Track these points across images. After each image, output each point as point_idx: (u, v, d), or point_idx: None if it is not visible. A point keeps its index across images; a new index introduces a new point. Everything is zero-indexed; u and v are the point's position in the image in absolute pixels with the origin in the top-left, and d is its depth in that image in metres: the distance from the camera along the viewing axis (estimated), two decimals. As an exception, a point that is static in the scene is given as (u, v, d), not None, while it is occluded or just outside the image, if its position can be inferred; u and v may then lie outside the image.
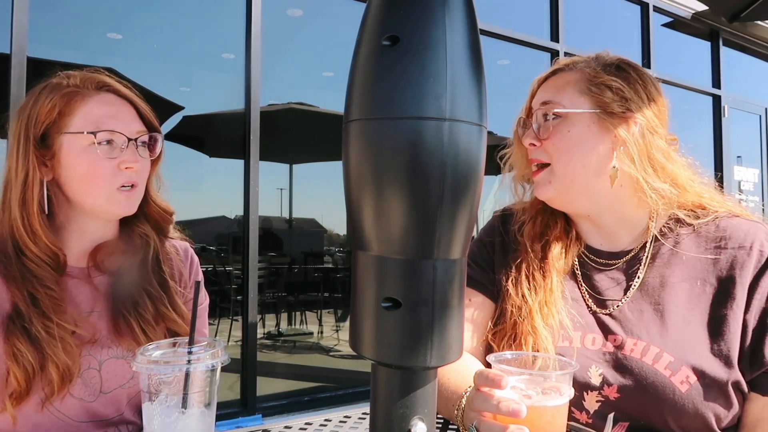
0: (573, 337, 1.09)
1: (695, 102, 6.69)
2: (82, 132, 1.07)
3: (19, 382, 0.97)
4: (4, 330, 1.00)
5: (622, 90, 1.08)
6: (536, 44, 5.32)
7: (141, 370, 0.76)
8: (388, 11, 0.55)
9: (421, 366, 0.56)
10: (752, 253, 1.02)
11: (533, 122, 1.12)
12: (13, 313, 1.01)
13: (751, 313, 0.99)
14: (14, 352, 0.98)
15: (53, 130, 1.08)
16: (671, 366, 0.99)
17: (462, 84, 0.53)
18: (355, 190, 0.56)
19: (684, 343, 1.00)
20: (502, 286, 1.16)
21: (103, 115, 1.08)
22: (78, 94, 1.08)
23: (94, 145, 1.06)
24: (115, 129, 1.08)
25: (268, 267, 5.52)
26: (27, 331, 0.99)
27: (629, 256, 1.13)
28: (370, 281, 0.56)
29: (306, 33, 5.09)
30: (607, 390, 1.03)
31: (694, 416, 0.96)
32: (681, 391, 0.97)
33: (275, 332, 5.71)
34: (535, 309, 1.08)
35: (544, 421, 0.77)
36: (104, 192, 1.08)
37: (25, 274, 1.03)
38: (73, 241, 1.13)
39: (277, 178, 5.75)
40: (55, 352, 0.99)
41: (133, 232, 1.20)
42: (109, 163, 1.07)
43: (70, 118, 1.07)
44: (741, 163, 7.10)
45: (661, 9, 6.13)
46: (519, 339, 1.08)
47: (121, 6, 4.03)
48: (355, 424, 1.11)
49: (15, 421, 1.00)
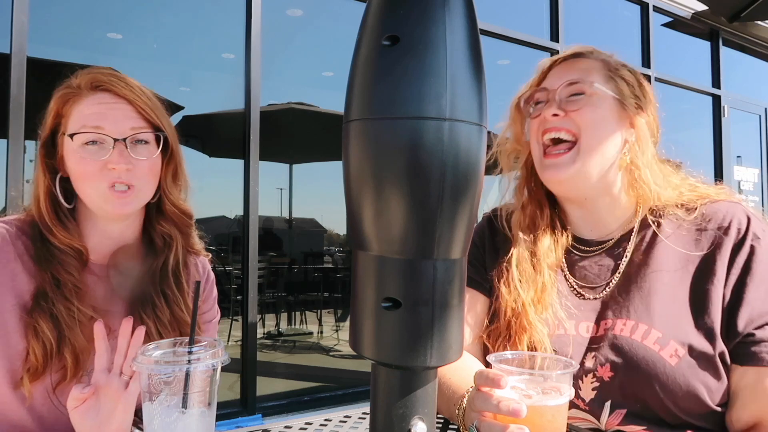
0: (567, 327, 1.11)
1: (695, 102, 6.69)
2: (66, 134, 1.09)
3: (37, 357, 1.00)
4: (26, 308, 1.04)
5: (635, 88, 1.16)
6: (536, 44, 5.32)
7: (141, 370, 0.76)
8: (388, 11, 0.55)
9: (421, 366, 0.56)
10: (730, 231, 1.06)
11: (556, 96, 1.14)
12: (39, 293, 1.05)
13: (728, 287, 1.03)
14: (35, 328, 1.01)
15: (57, 132, 1.12)
16: (660, 341, 1.02)
17: (462, 84, 0.53)
18: (355, 190, 0.56)
19: (670, 319, 1.04)
20: (495, 285, 1.17)
21: (91, 114, 1.08)
22: (74, 95, 1.09)
23: (82, 146, 1.06)
24: (101, 129, 1.06)
25: (268, 267, 5.52)
26: (50, 310, 1.03)
27: (615, 241, 1.17)
28: (370, 281, 0.56)
29: (306, 33, 5.09)
30: (600, 371, 1.05)
31: (686, 391, 0.99)
32: (671, 365, 1.00)
33: (275, 332, 5.71)
34: (528, 303, 1.10)
35: (545, 420, 0.77)
36: (95, 192, 1.08)
37: (50, 258, 1.07)
38: (94, 237, 1.14)
39: (277, 178, 5.76)
40: (73, 334, 1.02)
41: (155, 232, 1.19)
42: (95, 164, 1.06)
43: (66, 120, 1.10)
44: (741, 163, 7.10)
45: (661, 9, 6.13)
46: (513, 338, 1.10)
47: (121, 6, 4.03)
48: (355, 424, 1.11)
49: (30, 396, 1.02)
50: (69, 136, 1.07)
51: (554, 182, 1.15)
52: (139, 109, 1.11)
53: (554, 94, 1.14)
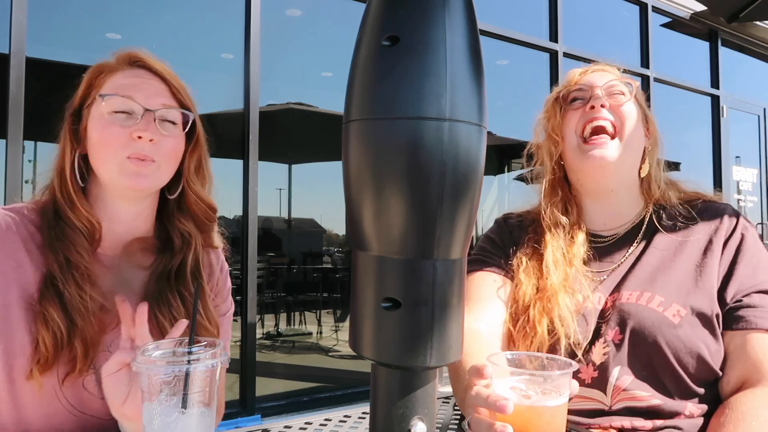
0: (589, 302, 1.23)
1: (694, 102, 6.70)
2: (96, 97, 1.07)
3: (47, 347, 0.97)
4: (33, 299, 1.01)
5: (645, 103, 1.35)
6: (535, 44, 5.32)
7: (141, 370, 0.76)
8: (388, 11, 0.55)
9: (421, 366, 0.56)
10: (723, 221, 1.24)
11: (601, 92, 1.26)
12: (47, 280, 1.02)
13: (723, 265, 1.19)
14: (45, 317, 0.98)
15: (86, 102, 1.10)
16: (663, 304, 1.15)
17: (462, 84, 0.53)
18: (355, 190, 0.56)
19: (672, 287, 1.17)
20: (516, 272, 1.28)
21: (124, 85, 1.07)
22: (109, 68, 1.10)
23: (109, 114, 1.05)
24: (131, 97, 1.06)
25: (267, 267, 5.52)
26: (60, 296, 1.00)
27: (623, 234, 1.30)
28: (370, 281, 0.56)
29: (305, 33, 5.09)
30: (610, 334, 1.16)
31: (689, 348, 1.11)
32: (674, 323, 1.12)
33: (274, 332, 5.70)
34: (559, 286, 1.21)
35: (544, 421, 0.77)
36: (114, 160, 1.05)
37: (61, 238, 1.05)
38: (104, 223, 1.11)
39: (277, 179, 5.75)
40: (85, 323, 0.99)
41: (174, 230, 1.17)
42: (120, 131, 1.04)
43: (97, 90, 1.09)
44: (739, 163, 7.11)
45: (660, 9, 6.14)
46: (533, 321, 1.19)
47: (120, 6, 4.03)
48: (355, 424, 1.11)
49: (41, 387, 0.99)
50: (100, 96, 1.06)
51: (597, 167, 1.24)
52: (172, 88, 1.12)
53: (598, 90, 1.26)
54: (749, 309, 1.12)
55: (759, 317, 1.11)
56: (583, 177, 1.30)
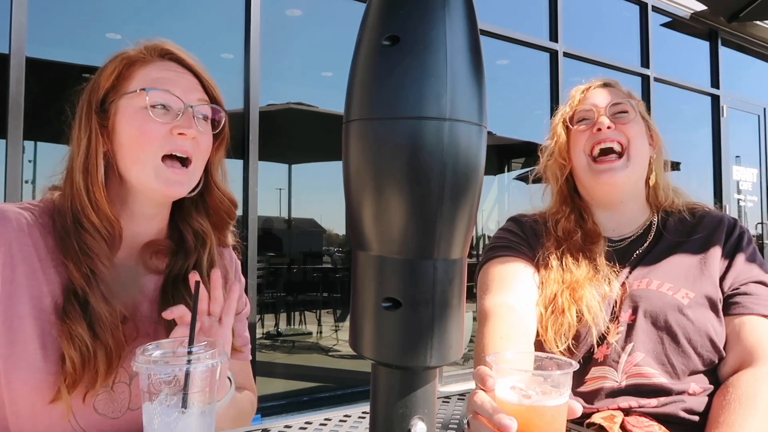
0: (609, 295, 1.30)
1: (694, 102, 6.70)
2: (136, 90, 1.00)
3: (75, 367, 0.91)
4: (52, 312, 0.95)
5: (647, 113, 1.43)
6: (535, 44, 5.32)
7: (141, 370, 0.76)
8: (388, 11, 0.55)
9: (421, 366, 0.56)
10: (722, 224, 1.36)
11: (604, 113, 1.33)
12: (69, 294, 0.95)
13: (723, 258, 1.31)
14: (71, 334, 0.92)
15: (112, 94, 1.03)
16: (672, 288, 1.26)
17: (462, 84, 0.53)
18: (355, 190, 0.56)
19: (679, 275, 1.28)
20: (544, 264, 1.35)
21: (159, 78, 1.02)
22: (139, 59, 1.04)
23: (148, 108, 0.99)
24: (170, 91, 1.01)
25: (267, 267, 5.52)
26: (85, 311, 0.94)
27: (631, 239, 1.39)
28: (370, 281, 0.56)
29: (305, 33, 5.09)
30: (623, 316, 1.26)
31: (697, 326, 1.20)
32: (683, 303, 1.22)
33: (274, 332, 5.70)
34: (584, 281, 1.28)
35: (544, 421, 0.77)
36: (150, 161, 0.99)
37: (83, 249, 0.97)
38: (124, 225, 1.04)
39: (276, 179, 5.75)
40: (109, 338, 0.94)
41: (188, 229, 1.11)
42: (160, 127, 0.99)
43: (128, 82, 1.02)
44: (740, 163, 7.11)
45: (660, 9, 6.14)
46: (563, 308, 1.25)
47: (120, 6, 4.03)
48: (355, 424, 1.10)
49: (71, 410, 0.93)
50: (143, 90, 0.99)
51: (608, 185, 1.33)
52: (204, 82, 1.08)
53: (603, 110, 1.34)
54: (745, 296, 1.24)
55: (755, 303, 1.22)
56: (594, 193, 1.39)
